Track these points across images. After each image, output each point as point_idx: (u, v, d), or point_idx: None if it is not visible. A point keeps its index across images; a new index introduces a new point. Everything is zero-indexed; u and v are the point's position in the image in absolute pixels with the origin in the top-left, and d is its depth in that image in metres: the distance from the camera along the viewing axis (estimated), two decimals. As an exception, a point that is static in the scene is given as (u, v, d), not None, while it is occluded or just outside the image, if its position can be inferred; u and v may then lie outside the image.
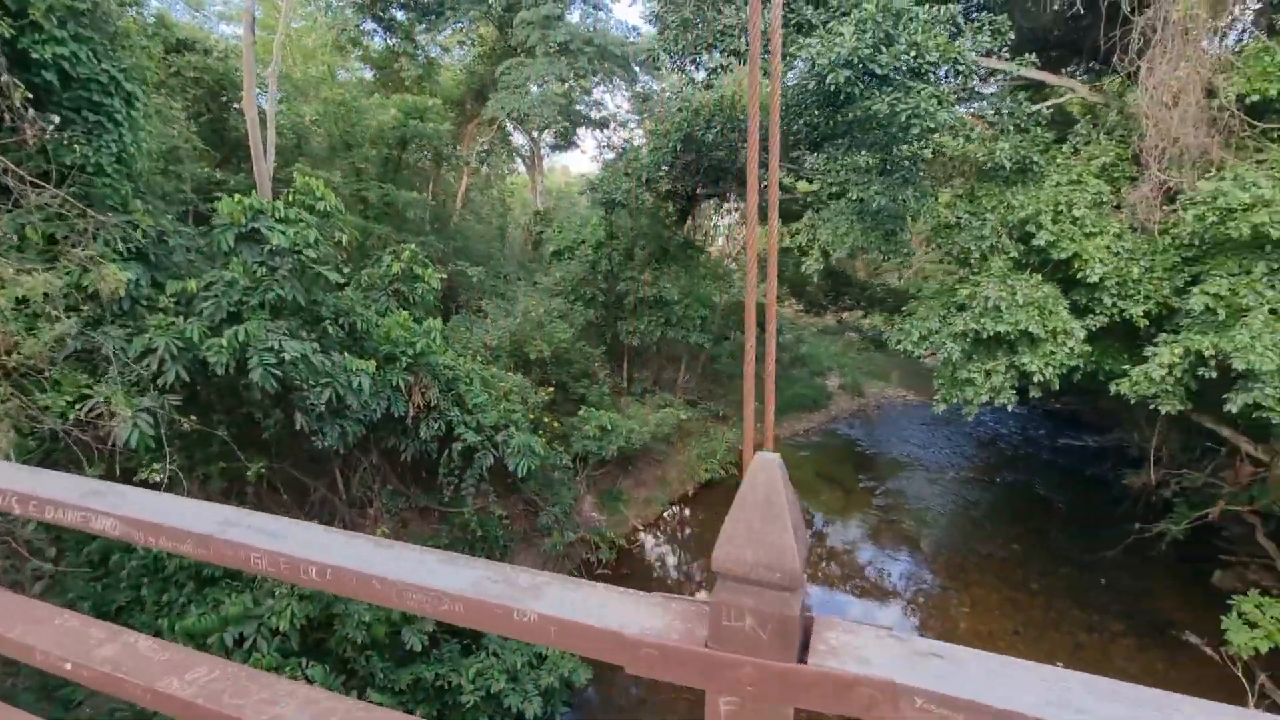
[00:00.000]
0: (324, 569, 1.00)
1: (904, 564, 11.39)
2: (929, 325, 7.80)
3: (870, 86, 6.07)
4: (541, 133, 21.14)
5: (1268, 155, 7.17)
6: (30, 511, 1.20)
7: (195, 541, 1.07)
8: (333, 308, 6.57)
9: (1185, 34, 7.22)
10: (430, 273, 8.51)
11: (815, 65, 6.00)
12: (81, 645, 1.21)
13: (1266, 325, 5.49)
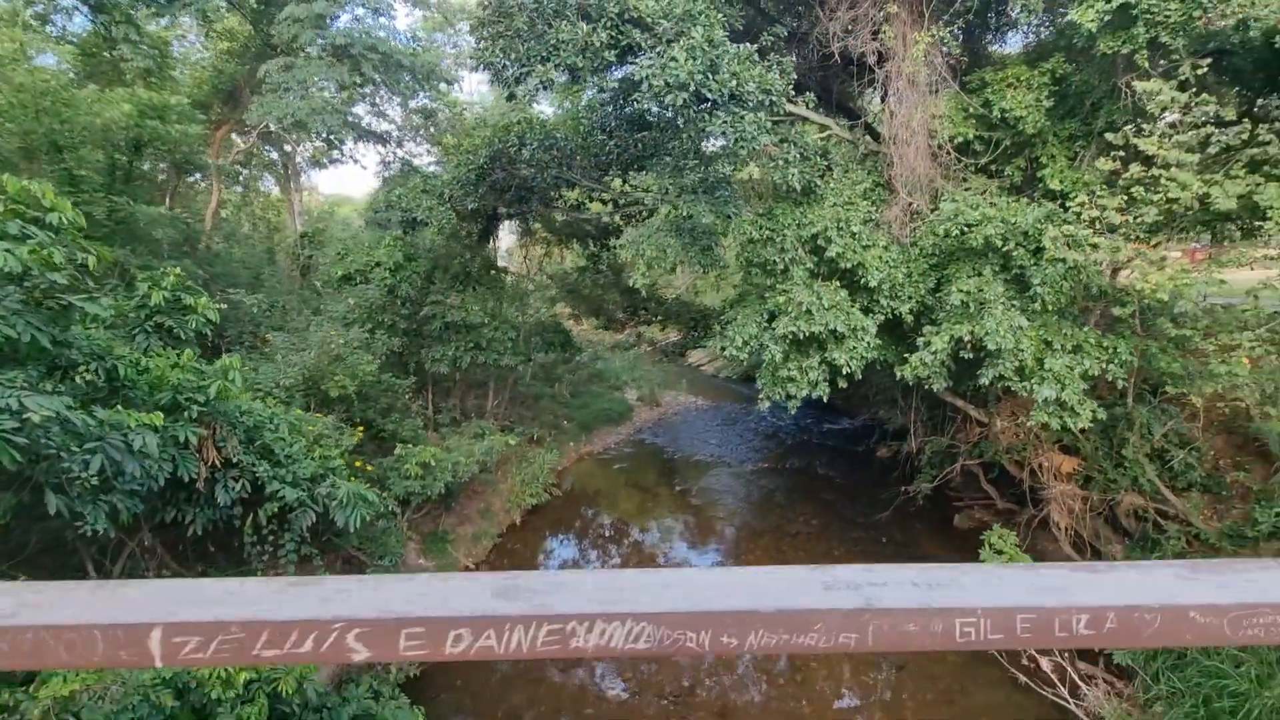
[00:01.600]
0: None
1: (723, 553, 12.28)
2: (749, 331, 8.54)
3: (701, 110, 6.53)
4: (300, 145, 18.88)
5: (972, 184, 9.24)
6: None
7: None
8: (87, 350, 5.06)
9: (913, 85, 8.97)
10: (204, 302, 7.04)
11: (651, 86, 6.27)
12: None
13: (1004, 313, 7.04)
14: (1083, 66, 8.68)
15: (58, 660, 0.68)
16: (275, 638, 0.69)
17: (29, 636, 0.68)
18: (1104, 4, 7.12)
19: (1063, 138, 8.73)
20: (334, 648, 0.70)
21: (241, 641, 0.69)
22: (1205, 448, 8.71)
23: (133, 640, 0.69)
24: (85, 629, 0.69)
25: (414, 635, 0.70)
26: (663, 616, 0.72)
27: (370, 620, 0.70)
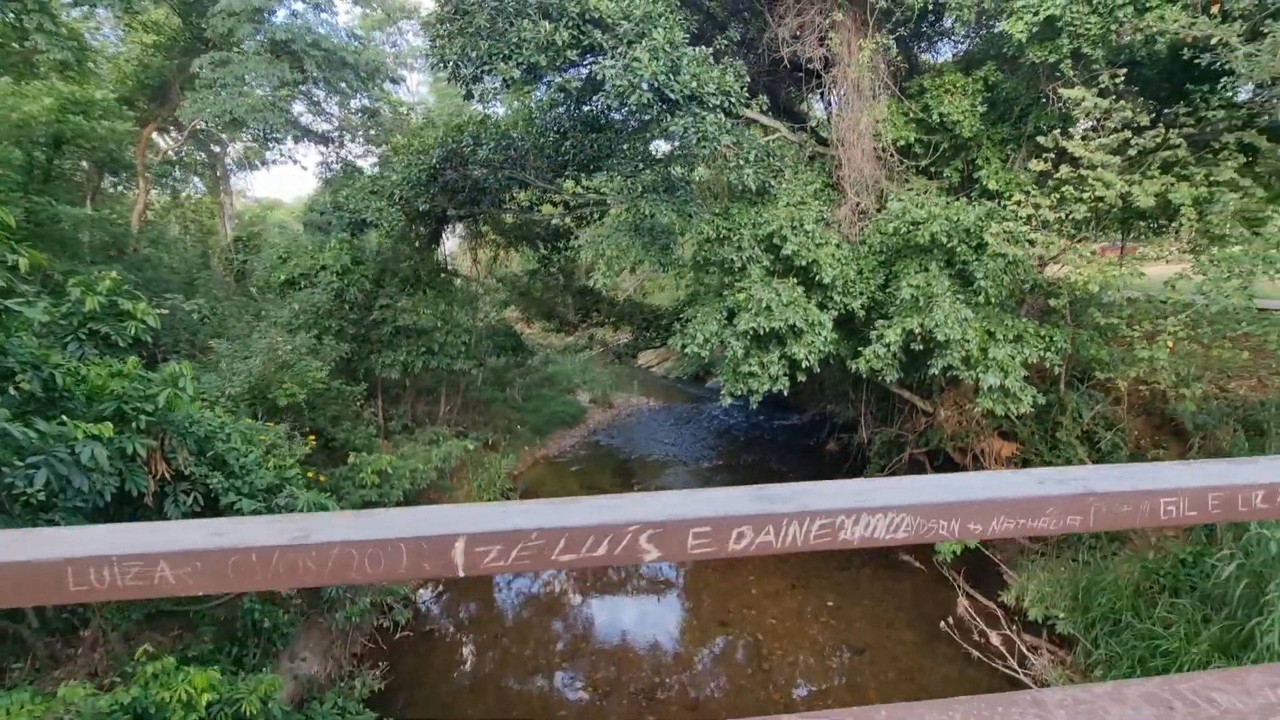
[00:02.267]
0: None
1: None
2: (710, 328, 8.70)
3: (664, 110, 6.63)
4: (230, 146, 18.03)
5: (914, 185, 9.69)
6: None
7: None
8: (24, 358, 4.71)
9: (858, 90, 9.36)
10: (143, 307, 6.67)
11: (615, 86, 6.32)
12: None
13: (951, 306, 7.43)
14: (1011, 75, 9.26)
15: (363, 575, 0.69)
16: (572, 543, 0.73)
17: (334, 552, 0.70)
18: (1032, 17, 7.62)
19: (995, 141, 9.28)
20: (628, 549, 0.74)
21: (540, 548, 0.74)
22: (1129, 428, 9.41)
23: (437, 551, 0.72)
24: (390, 543, 0.71)
25: (701, 534, 0.75)
26: (919, 508, 0.80)
27: (660, 522, 0.75)
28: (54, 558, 0.71)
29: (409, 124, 13.67)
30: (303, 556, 0.71)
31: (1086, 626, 7.86)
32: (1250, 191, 6.83)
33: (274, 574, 0.72)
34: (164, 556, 0.72)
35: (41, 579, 0.72)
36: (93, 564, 0.72)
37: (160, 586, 0.73)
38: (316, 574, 0.72)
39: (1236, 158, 7.04)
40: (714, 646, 9.27)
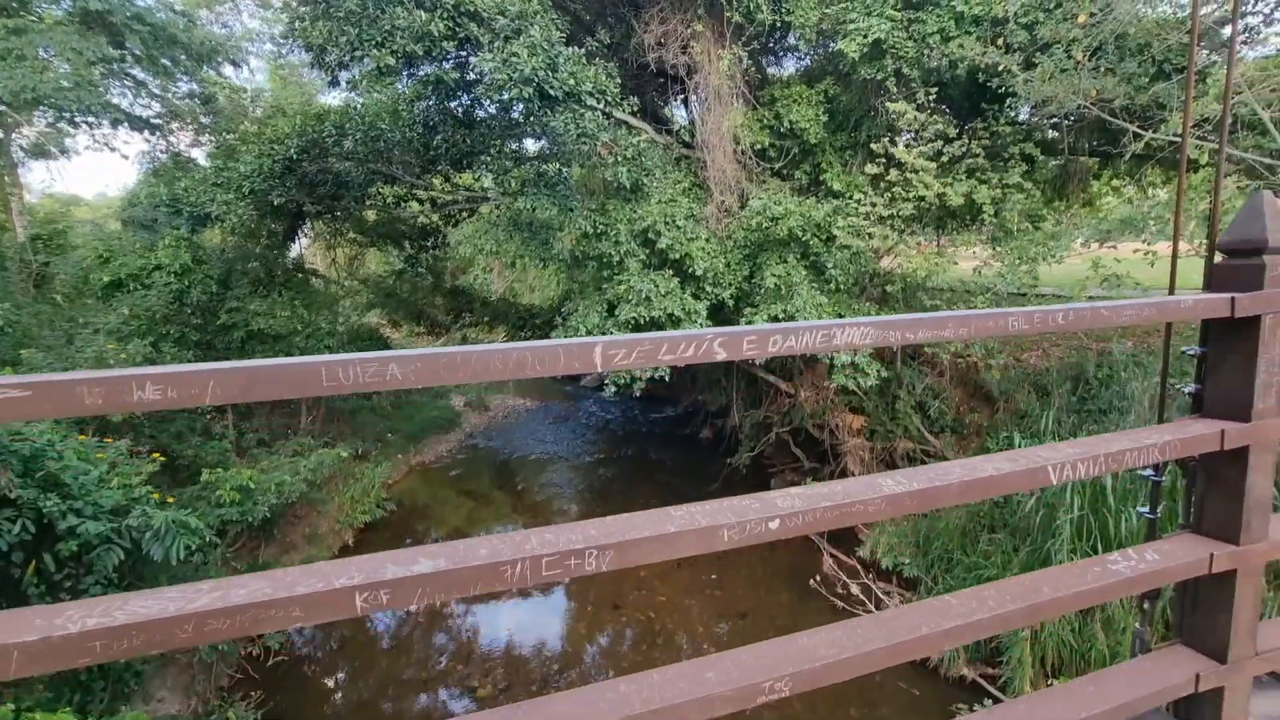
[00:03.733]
0: None
1: (575, 545, 12.58)
2: (592, 321, 8.97)
3: (544, 106, 6.78)
4: (15, 131, 15.51)
5: (770, 185, 10.62)
6: None
7: None
8: None
9: (718, 97, 10.09)
10: (-63, 312, 5.75)
11: (495, 81, 6.37)
12: None
13: (809, 293, 8.29)
14: (846, 89, 10.45)
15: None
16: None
17: None
18: (862, 39, 8.71)
19: (836, 147, 10.43)
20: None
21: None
22: (951, 397, 10.98)
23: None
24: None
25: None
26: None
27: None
28: None
29: (251, 112, 12.58)
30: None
31: (927, 568, 9.11)
32: (1031, 194, 8.31)
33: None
34: None
35: None
36: None
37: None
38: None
39: (1020, 166, 8.53)
40: (607, 632, 9.55)
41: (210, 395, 0.93)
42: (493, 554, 1.08)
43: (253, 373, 0.94)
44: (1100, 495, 6.99)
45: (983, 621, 1.35)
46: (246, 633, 0.97)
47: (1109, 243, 7.62)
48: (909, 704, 7.83)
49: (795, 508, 1.24)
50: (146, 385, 0.89)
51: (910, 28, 8.62)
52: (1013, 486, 1.40)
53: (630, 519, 1.22)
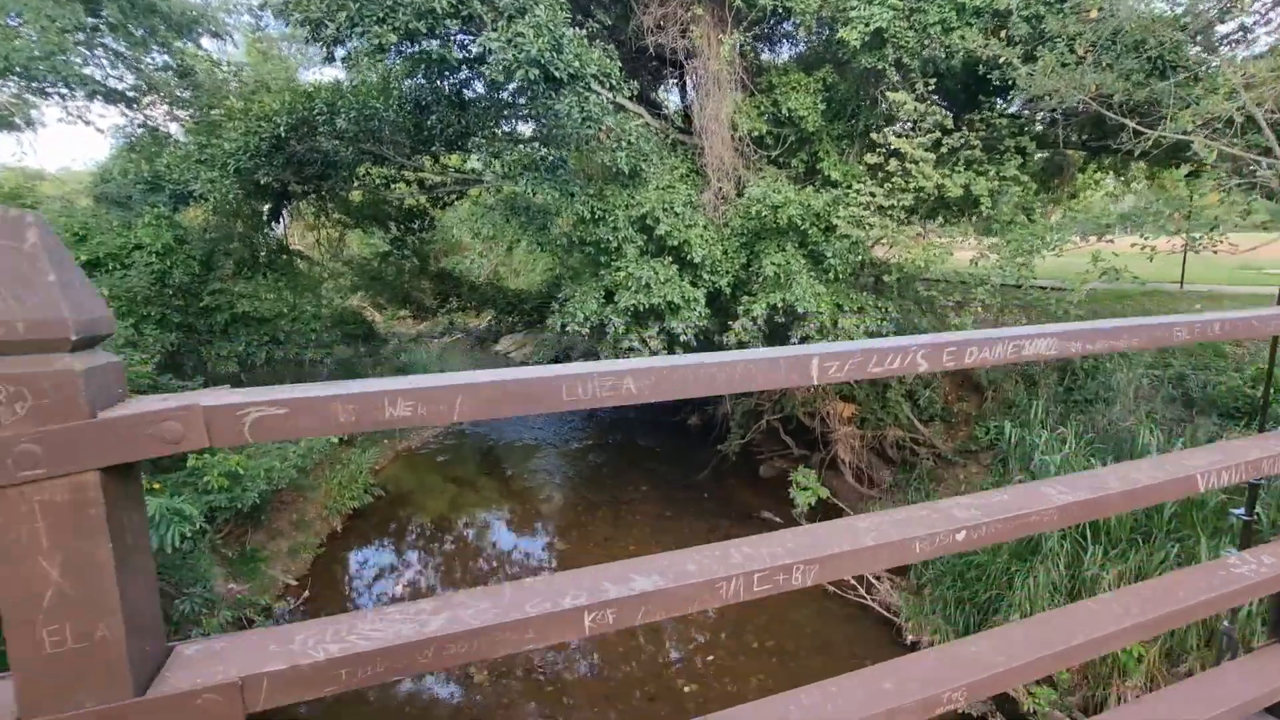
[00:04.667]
0: None
1: (566, 525, 12.62)
2: (590, 307, 8.92)
3: (549, 88, 6.66)
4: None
5: (766, 173, 10.59)
6: None
7: None
8: None
9: (717, 83, 10.01)
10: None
11: (500, 61, 6.23)
12: None
13: (808, 282, 8.32)
14: (845, 77, 10.44)
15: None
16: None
17: None
18: (864, 27, 8.68)
19: (834, 136, 10.43)
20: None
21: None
22: (940, 387, 11.15)
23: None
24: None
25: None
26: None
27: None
28: None
29: (236, 87, 12.16)
30: None
31: (919, 622, 9.26)
32: (1027, 186, 8.41)
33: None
34: None
35: None
36: None
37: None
38: None
39: (1016, 159, 8.61)
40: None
41: (458, 411, 0.91)
42: (703, 571, 1.07)
43: (498, 387, 0.93)
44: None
45: (1127, 629, 1.36)
46: (483, 656, 0.94)
47: (1107, 237, 7.75)
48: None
49: (976, 519, 1.24)
50: (398, 401, 0.87)
51: (911, 17, 8.62)
52: (1165, 495, 1.41)
53: (825, 529, 1.21)
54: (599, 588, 1.02)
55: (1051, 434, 7.87)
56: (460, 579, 11.46)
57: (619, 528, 12.31)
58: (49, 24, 8.85)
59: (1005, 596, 7.62)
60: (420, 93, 9.56)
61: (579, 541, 11.85)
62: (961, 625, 8.20)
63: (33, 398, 0.73)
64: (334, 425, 0.87)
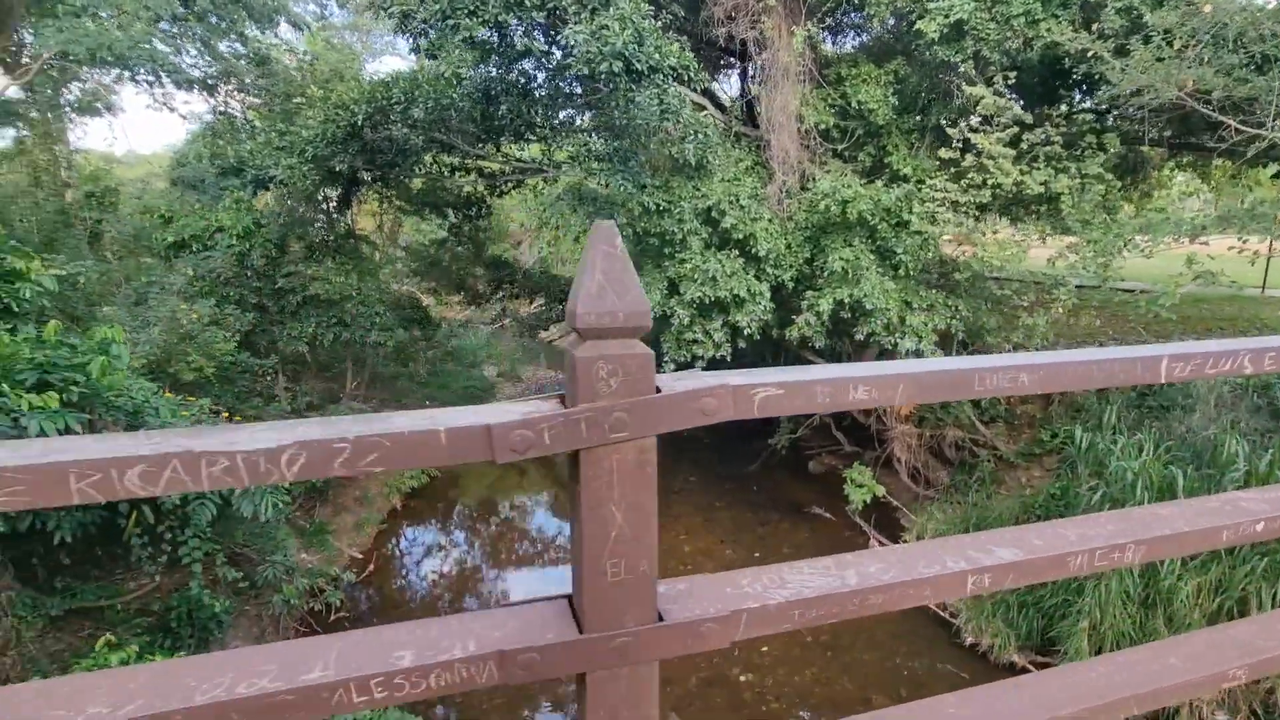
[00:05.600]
0: None
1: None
2: (654, 298, 8.98)
3: (630, 80, 6.72)
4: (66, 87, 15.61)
5: (830, 167, 10.48)
6: None
7: None
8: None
9: (787, 74, 9.92)
10: (37, 266, 5.89)
11: (585, 54, 6.32)
12: None
13: (878, 278, 8.24)
14: (918, 69, 10.23)
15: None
16: None
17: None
18: (943, 19, 8.49)
19: (903, 129, 10.24)
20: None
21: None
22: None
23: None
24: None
25: None
26: None
27: None
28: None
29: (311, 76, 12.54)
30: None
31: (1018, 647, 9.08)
32: (1111, 184, 8.15)
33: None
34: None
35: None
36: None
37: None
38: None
39: (1098, 155, 8.35)
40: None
41: (900, 395, 1.03)
42: (1049, 545, 1.14)
43: (934, 375, 1.04)
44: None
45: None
46: (894, 607, 1.07)
47: (1201, 238, 7.46)
48: (956, 687, 7.90)
49: (1269, 513, 1.25)
50: (859, 388, 1.00)
51: (994, 9, 8.39)
52: None
53: (1140, 515, 1.26)
54: (970, 556, 1.11)
55: (1128, 440, 7.66)
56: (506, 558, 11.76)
57: (668, 516, 12.42)
58: (145, 13, 9.25)
59: (1074, 603, 7.48)
60: (490, 83, 9.71)
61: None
62: (1024, 630, 8.10)
63: (623, 374, 0.89)
64: (813, 404, 1.00)
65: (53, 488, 0.71)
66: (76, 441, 0.76)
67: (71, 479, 0.71)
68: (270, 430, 0.81)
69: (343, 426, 0.83)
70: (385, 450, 0.81)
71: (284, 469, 0.78)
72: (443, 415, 0.89)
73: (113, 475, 0.72)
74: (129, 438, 0.77)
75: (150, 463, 0.73)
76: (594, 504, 0.92)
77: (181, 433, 0.79)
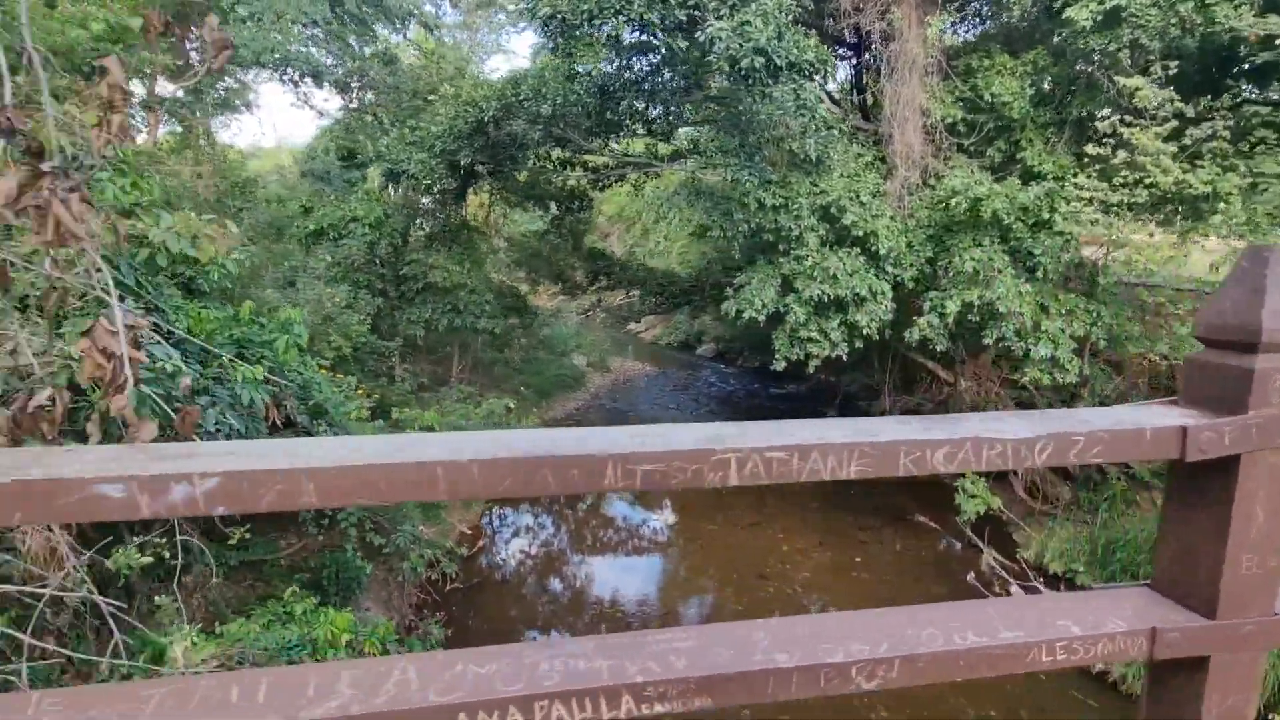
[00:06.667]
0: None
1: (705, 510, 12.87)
2: (768, 295, 8.93)
3: (769, 75, 6.71)
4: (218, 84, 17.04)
5: (955, 162, 10.04)
6: None
7: None
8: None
9: (914, 67, 9.58)
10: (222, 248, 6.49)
11: (727, 50, 6.36)
12: None
13: (1012, 281, 7.86)
14: (1059, 60, 9.63)
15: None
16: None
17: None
18: (1097, 5, 7.96)
19: (1039, 124, 9.68)
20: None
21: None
22: (1137, 400, 10.17)
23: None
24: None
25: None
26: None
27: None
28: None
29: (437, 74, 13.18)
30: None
31: (1107, 579, 8.61)
32: (1289, 183, 7.41)
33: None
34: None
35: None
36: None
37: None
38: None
39: (1277, 151, 7.60)
40: (758, 596, 9.74)
41: None
42: None
43: None
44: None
45: None
46: None
47: None
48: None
49: None
50: None
51: (1157, -8, 7.79)
52: None
53: None
54: None
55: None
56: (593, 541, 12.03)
57: (764, 514, 12.34)
58: (303, 16, 9.98)
59: None
60: (608, 80, 9.90)
61: (724, 524, 12.03)
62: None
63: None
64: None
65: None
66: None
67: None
68: (1020, 419, 0.97)
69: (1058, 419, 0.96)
70: (1090, 445, 0.93)
71: (1036, 456, 0.92)
72: (1132, 413, 0.99)
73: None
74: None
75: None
76: (1244, 503, 0.97)
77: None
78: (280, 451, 0.74)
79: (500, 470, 0.78)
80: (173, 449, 0.75)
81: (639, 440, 0.84)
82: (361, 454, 0.75)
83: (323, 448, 0.77)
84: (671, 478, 0.82)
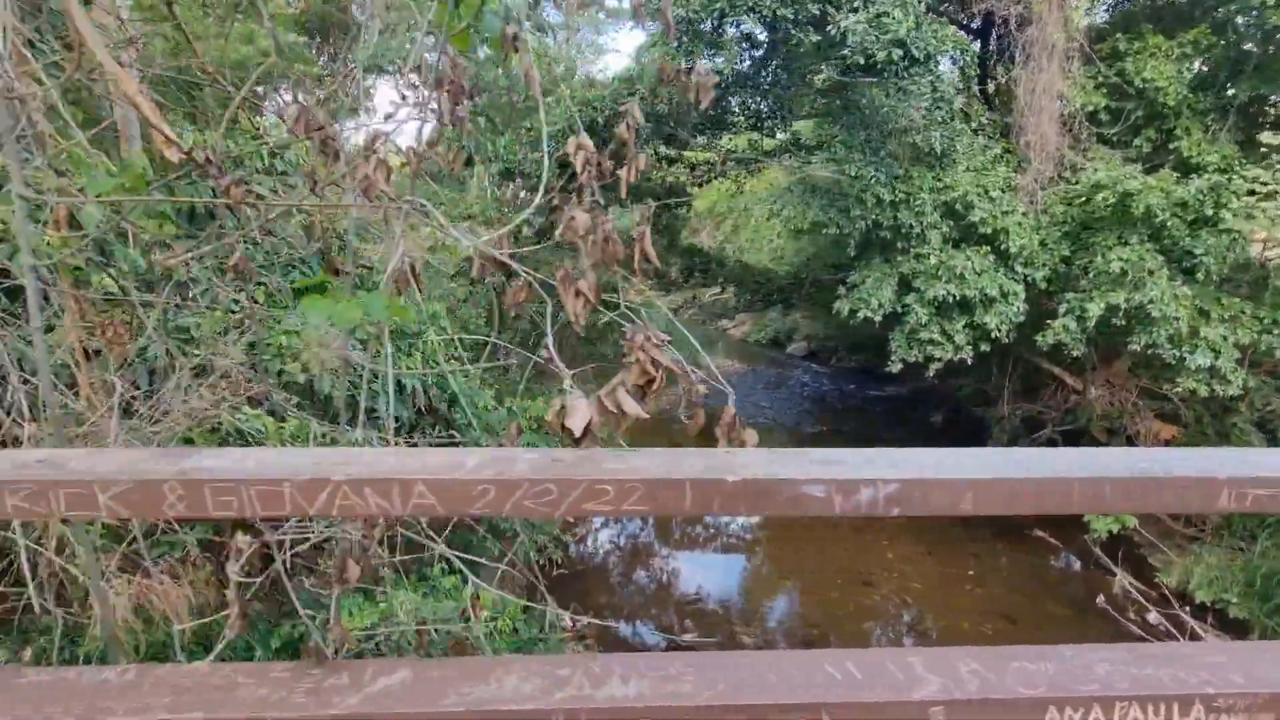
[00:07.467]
0: None
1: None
2: (885, 294, 8.64)
3: (905, 66, 6.49)
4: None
5: (1095, 154, 9.32)
6: None
7: None
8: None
9: (1052, 52, 8.96)
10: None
11: (862, 43, 6.20)
12: None
13: (1167, 283, 7.23)
14: (1223, 38, 8.75)
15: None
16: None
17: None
18: (1278, -24, 7.16)
19: (1198, 110, 8.83)
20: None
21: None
22: (1305, 418, 9.11)
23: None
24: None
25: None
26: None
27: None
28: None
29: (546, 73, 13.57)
30: None
31: (1267, 613, 7.81)
32: None
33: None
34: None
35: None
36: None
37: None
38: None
39: None
40: (864, 602, 9.49)
41: None
42: None
43: None
44: None
45: None
46: None
47: None
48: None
49: None
50: None
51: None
52: None
53: None
54: None
55: None
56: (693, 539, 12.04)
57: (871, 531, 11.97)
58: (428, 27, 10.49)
59: None
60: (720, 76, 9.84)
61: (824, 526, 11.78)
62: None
63: None
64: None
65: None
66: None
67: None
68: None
69: None
70: None
71: None
72: None
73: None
74: None
75: None
76: None
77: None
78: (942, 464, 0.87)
79: None
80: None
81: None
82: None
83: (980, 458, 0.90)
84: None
